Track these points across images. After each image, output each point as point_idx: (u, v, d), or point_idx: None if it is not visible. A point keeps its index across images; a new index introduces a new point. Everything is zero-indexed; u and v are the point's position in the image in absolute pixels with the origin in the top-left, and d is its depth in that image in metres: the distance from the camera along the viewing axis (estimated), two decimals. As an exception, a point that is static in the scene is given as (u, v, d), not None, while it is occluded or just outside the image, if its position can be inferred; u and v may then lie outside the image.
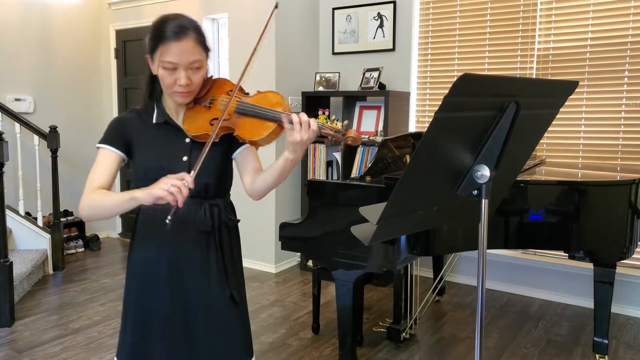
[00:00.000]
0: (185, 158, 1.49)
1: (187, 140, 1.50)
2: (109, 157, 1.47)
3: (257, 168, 1.58)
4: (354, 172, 4.19)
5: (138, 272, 1.53)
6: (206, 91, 1.51)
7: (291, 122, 1.37)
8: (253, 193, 1.56)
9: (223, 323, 1.53)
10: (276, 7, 1.53)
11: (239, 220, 1.59)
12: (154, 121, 1.51)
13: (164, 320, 1.49)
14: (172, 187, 1.26)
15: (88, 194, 1.42)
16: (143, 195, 1.31)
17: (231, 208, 1.60)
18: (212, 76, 1.53)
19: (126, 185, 5.57)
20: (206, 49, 1.45)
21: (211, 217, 1.50)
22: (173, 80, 1.41)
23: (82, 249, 5.09)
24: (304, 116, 1.37)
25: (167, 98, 1.52)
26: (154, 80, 1.51)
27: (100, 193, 1.41)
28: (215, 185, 1.53)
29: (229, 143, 1.54)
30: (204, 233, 1.50)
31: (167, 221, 1.29)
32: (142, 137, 1.50)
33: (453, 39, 4.17)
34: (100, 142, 1.49)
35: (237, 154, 1.57)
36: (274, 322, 3.43)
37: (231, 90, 1.50)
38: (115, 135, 1.49)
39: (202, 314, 1.51)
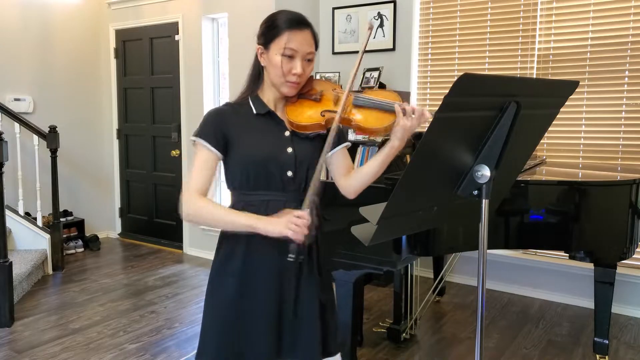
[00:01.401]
0: (290, 150, 1.49)
1: (287, 133, 1.51)
2: (208, 157, 1.46)
3: (352, 167, 1.62)
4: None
5: (238, 269, 1.49)
6: (309, 88, 1.55)
7: (405, 111, 1.42)
8: (351, 190, 1.57)
9: (311, 322, 1.52)
10: (370, 28, 1.58)
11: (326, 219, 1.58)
12: (254, 112, 1.50)
13: (260, 321, 1.48)
14: (297, 227, 1.33)
15: (195, 199, 1.42)
16: (266, 229, 1.36)
17: None
18: (312, 76, 1.57)
19: (126, 185, 5.57)
20: (317, 46, 1.51)
21: (313, 214, 1.47)
22: (289, 69, 1.45)
23: (82, 249, 5.08)
24: (416, 106, 1.45)
25: (267, 91, 1.53)
26: (260, 71, 1.53)
27: (214, 205, 1.43)
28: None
29: (325, 142, 1.51)
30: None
31: (292, 259, 1.37)
32: (243, 128, 1.48)
33: (453, 39, 4.17)
34: (198, 136, 1.46)
35: (332, 153, 1.58)
36: (274, 323, 3.43)
37: (335, 89, 1.55)
38: (214, 130, 1.46)
39: (295, 314, 1.51)
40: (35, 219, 4.48)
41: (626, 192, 2.61)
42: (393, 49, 4.36)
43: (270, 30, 1.46)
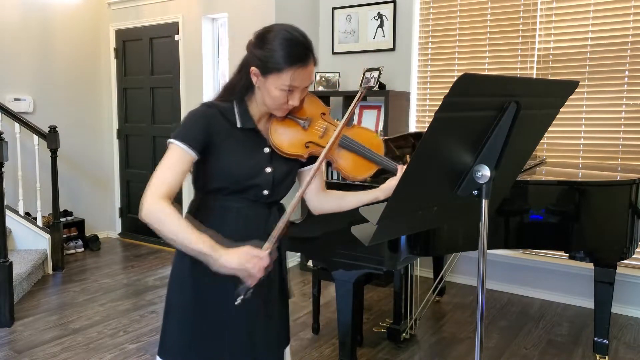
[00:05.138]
0: (268, 170, 1.45)
1: (267, 150, 1.46)
2: (184, 159, 1.36)
3: (323, 188, 1.63)
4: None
5: (202, 275, 1.42)
6: (298, 106, 1.47)
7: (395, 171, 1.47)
8: (320, 210, 1.63)
9: (277, 319, 1.57)
10: (363, 94, 1.50)
11: (294, 223, 1.60)
12: (238, 125, 1.42)
13: (227, 322, 1.46)
14: (254, 268, 1.26)
15: (161, 199, 1.30)
16: (219, 264, 1.26)
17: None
18: None
19: (126, 185, 5.57)
20: (316, 63, 1.42)
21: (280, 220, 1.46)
22: (285, 101, 1.38)
23: (82, 249, 5.08)
24: None
25: (254, 104, 1.45)
26: (251, 84, 1.43)
27: (178, 217, 1.30)
28: (285, 195, 1.54)
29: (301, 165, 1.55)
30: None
31: (239, 301, 1.28)
32: (226, 139, 1.41)
33: (453, 39, 4.17)
34: (178, 139, 1.36)
35: (306, 169, 1.57)
36: (274, 322, 3.43)
37: (324, 114, 1.50)
38: (197, 134, 1.37)
39: (263, 314, 1.51)
40: (35, 219, 4.48)
41: (626, 192, 2.61)
42: (393, 49, 4.36)
43: (270, 61, 1.34)
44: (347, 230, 2.42)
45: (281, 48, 1.33)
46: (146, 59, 5.23)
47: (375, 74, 4.20)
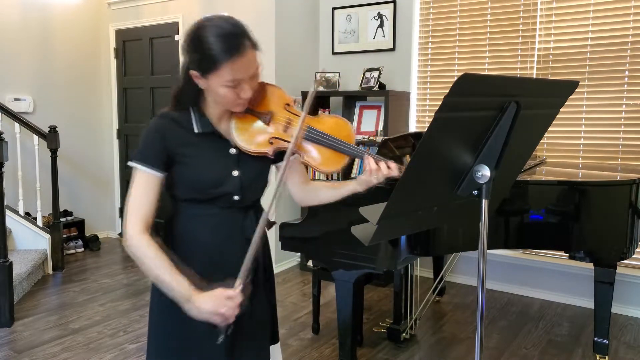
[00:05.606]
0: (235, 173, 1.41)
1: (233, 151, 1.41)
2: (151, 182, 1.34)
3: (305, 179, 1.59)
4: (354, 172, 4.18)
5: None
6: (259, 99, 1.40)
7: (378, 168, 1.38)
8: (304, 203, 1.62)
9: (261, 320, 1.52)
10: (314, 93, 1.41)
11: (274, 222, 1.53)
12: (196, 130, 1.38)
13: (207, 323, 1.42)
14: (227, 311, 1.25)
15: (141, 235, 1.32)
16: (193, 312, 1.27)
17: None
18: (261, 81, 1.42)
19: (126, 185, 5.57)
20: (258, 47, 1.33)
21: (257, 224, 1.43)
22: (236, 96, 1.32)
23: (82, 249, 5.08)
24: (390, 163, 1.39)
25: (210, 106, 1.40)
26: (199, 90, 1.38)
27: (155, 259, 1.30)
28: (259, 196, 1.51)
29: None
30: (249, 240, 1.40)
31: (220, 340, 1.27)
32: (186, 149, 1.37)
33: (453, 39, 4.17)
34: (138, 161, 1.34)
35: (280, 165, 1.51)
36: (274, 323, 3.43)
37: (288, 105, 1.42)
38: (156, 153, 1.35)
39: (245, 317, 1.45)
40: (35, 219, 4.48)
41: (626, 192, 2.61)
42: (393, 49, 4.36)
43: (205, 61, 1.27)
44: (347, 230, 2.43)
45: (212, 45, 1.26)
46: (146, 59, 5.23)
47: (375, 74, 4.20)
